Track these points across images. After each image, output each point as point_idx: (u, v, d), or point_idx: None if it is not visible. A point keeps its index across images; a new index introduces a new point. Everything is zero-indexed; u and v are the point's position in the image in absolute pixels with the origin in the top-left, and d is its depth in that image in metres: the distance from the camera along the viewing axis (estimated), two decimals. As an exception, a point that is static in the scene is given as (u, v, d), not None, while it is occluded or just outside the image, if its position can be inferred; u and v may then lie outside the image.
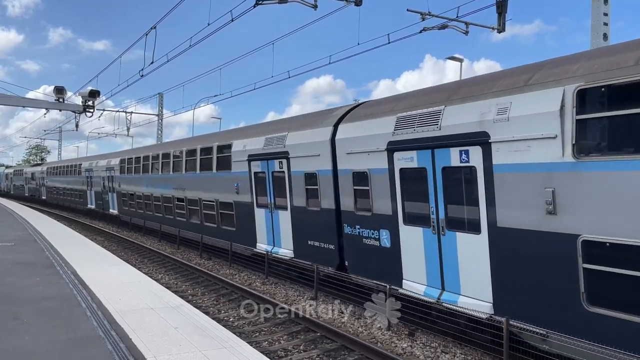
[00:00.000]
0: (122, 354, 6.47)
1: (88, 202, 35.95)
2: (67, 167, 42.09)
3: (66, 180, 42.02)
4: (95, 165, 33.95)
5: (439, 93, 9.58)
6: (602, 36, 13.16)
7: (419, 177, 9.41)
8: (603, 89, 6.67)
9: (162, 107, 42.43)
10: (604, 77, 6.59)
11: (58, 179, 45.50)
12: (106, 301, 9.25)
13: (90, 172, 34.69)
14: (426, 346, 9.20)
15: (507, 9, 14.79)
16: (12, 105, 23.53)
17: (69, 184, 41.19)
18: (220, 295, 13.24)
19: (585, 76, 6.82)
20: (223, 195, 17.30)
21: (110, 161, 31.18)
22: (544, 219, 7.16)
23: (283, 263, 14.52)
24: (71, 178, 40.31)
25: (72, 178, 39.99)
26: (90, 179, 34.75)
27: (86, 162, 36.82)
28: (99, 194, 33.29)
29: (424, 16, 14.95)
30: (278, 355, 8.75)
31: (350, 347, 8.97)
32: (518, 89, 7.72)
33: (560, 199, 6.95)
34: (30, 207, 40.63)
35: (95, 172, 33.44)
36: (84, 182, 36.17)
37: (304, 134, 13.09)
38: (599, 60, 6.88)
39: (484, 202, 8.08)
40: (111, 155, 32.89)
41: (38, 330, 7.40)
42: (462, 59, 22.88)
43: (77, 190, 38.64)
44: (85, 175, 35.77)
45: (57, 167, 47.24)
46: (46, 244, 17.05)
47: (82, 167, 36.71)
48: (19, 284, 10.47)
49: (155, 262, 18.29)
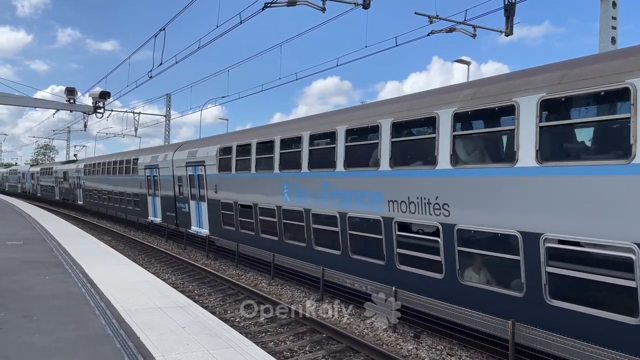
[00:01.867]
0: (131, 352, 6.54)
1: (149, 213, 26.66)
2: (115, 164, 32.22)
3: (113, 181, 32.53)
4: (163, 159, 24.32)
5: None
6: (610, 40, 13.13)
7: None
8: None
9: (169, 108, 42.69)
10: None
11: (101, 178, 35.31)
12: (114, 300, 9.35)
13: (153, 169, 25.46)
14: (432, 348, 9.22)
15: (515, 12, 14.81)
16: (24, 106, 23.77)
17: (117, 186, 31.88)
18: (227, 295, 13.32)
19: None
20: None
21: (196, 152, 20.65)
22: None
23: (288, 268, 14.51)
24: (120, 178, 31.09)
25: (121, 178, 30.85)
26: (153, 179, 25.68)
27: (145, 155, 27.49)
28: (169, 202, 23.80)
29: (431, 19, 14.97)
30: (284, 355, 8.80)
31: (355, 349, 9.01)
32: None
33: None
34: (44, 208, 40.41)
35: (164, 169, 24.06)
36: (143, 183, 27.01)
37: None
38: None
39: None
40: (193, 144, 22.30)
41: (48, 328, 7.50)
42: (470, 62, 22.85)
43: (130, 195, 29.55)
44: (144, 174, 26.67)
45: (99, 164, 35.79)
46: (55, 243, 17.20)
47: (140, 162, 27.43)
48: (28, 282, 10.59)
49: (162, 262, 18.42)
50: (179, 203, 22.97)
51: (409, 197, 9.91)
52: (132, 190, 29.19)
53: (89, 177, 38.25)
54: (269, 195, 15.04)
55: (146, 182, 26.67)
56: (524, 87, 8.03)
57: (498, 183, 8.37)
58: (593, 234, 6.95)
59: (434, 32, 15.17)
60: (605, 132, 7.52)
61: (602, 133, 7.57)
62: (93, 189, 37.54)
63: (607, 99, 7.12)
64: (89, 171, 38.20)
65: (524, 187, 7.90)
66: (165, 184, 24.32)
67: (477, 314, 8.44)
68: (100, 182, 35.64)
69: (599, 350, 6.68)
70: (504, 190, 8.25)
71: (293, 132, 14.24)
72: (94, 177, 37.13)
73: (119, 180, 31.47)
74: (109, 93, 22.18)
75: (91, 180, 37.88)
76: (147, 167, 26.40)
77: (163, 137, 43.19)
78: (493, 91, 8.70)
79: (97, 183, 36.57)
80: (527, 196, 7.84)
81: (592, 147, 7.61)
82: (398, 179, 10.28)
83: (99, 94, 21.70)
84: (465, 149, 9.17)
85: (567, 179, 7.33)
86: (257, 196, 15.83)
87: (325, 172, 12.44)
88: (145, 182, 26.84)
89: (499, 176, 8.36)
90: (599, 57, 8.21)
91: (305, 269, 13.21)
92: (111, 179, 32.91)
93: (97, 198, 36.78)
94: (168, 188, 23.87)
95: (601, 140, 7.56)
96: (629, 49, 7.56)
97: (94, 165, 36.98)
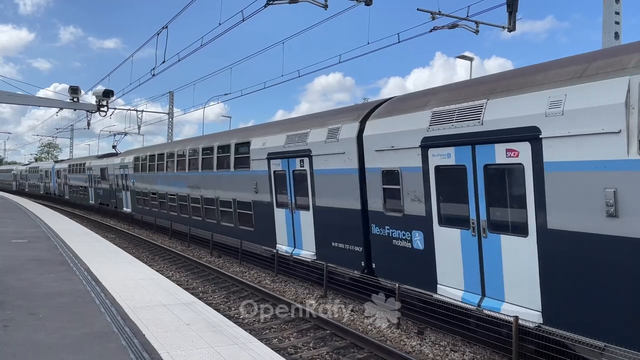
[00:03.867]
0: (136, 349, 6.59)
1: (282, 238, 14.98)
2: (195, 153, 20.80)
3: (192, 180, 21.04)
4: (329, 136, 12.54)
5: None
6: (613, 35, 13.10)
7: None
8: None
9: (172, 106, 42.77)
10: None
11: (165, 177, 24.04)
12: (119, 297, 9.40)
13: (292, 159, 14.13)
14: (435, 344, 9.25)
15: (517, 7, 14.78)
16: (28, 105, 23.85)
17: (198, 189, 20.55)
18: (231, 292, 13.38)
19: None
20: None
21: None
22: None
23: (297, 262, 14.48)
24: (208, 175, 19.58)
25: (210, 175, 19.43)
26: (292, 177, 14.25)
27: (270, 135, 15.53)
28: (343, 219, 12.29)
29: (434, 15, 14.97)
30: (288, 352, 8.84)
31: (359, 345, 9.05)
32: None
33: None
34: (48, 206, 40.45)
35: (329, 158, 12.56)
36: (263, 184, 15.67)
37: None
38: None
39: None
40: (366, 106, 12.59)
41: (54, 325, 7.55)
42: (472, 57, 22.84)
43: (227, 203, 18.35)
44: (267, 168, 15.29)
45: (161, 156, 24.58)
46: (59, 241, 17.29)
47: (258, 148, 15.80)
48: (33, 280, 10.66)
49: (166, 260, 18.49)
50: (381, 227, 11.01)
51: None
52: (231, 195, 17.76)
53: (143, 175, 27.10)
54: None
55: (271, 181, 15.14)
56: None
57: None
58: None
59: (436, 28, 15.18)
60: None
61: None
62: (150, 193, 26.55)
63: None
64: (143, 167, 27.00)
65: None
66: (333, 185, 12.49)
67: (476, 312, 8.46)
68: (165, 183, 24.25)
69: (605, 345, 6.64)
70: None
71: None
72: (151, 175, 25.93)
73: (204, 180, 19.89)
74: (112, 91, 22.28)
75: (147, 179, 26.81)
76: (276, 155, 14.72)
77: (166, 134, 43.27)
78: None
79: (157, 184, 25.36)
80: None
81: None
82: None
83: (102, 92, 21.80)
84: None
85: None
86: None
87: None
88: (267, 181, 15.30)
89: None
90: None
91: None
92: (188, 178, 21.32)
93: (156, 205, 25.86)
94: (342, 194, 12.16)
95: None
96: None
97: (153, 158, 25.64)
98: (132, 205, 30.06)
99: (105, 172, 34.80)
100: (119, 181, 32.01)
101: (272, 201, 15.24)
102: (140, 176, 27.93)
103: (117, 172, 31.95)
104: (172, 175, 23.43)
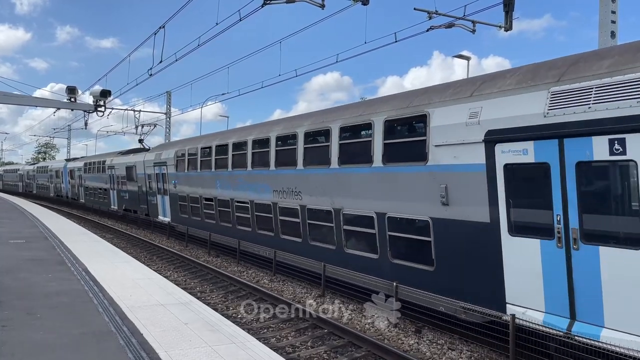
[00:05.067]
0: (134, 349, 6.60)
1: (523, 294, 7.98)
2: (275, 142, 14.88)
3: (278, 182, 14.55)
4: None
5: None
6: (609, 34, 13.15)
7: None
8: None
9: (170, 106, 42.74)
10: None
11: (227, 177, 17.71)
12: (117, 297, 9.41)
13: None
14: (433, 343, 9.29)
15: (514, 7, 14.83)
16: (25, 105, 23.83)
17: (291, 195, 13.93)
18: (229, 292, 13.39)
19: None
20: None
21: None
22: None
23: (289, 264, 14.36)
24: (300, 175, 13.57)
25: (303, 176, 13.44)
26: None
27: (452, 104, 9.14)
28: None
29: (430, 15, 15.01)
30: (286, 351, 8.86)
31: (357, 344, 9.08)
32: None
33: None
34: (42, 205, 40.26)
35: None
36: (453, 187, 8.96)
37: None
38: None
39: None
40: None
41: (52, 325, 7.56)
42: (469, 57, 22.86)
43: (350, 219, 11.82)
44: (451, 166, 8.98)
45: (217, 148, 18.58)
46: (57, 241, 17.28)
47: (438, 120, 9.28)
48: (31, 280, 10.66)
49: (164, 260, 18.49)
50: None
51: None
52: (376, 205, 10.99)
53: (192, 174, 20.70)
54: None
55: (494, 184, 8.26)
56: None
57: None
58: None
59: (433, 27, 15.22)
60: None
61: None
62: (202, 198, 19.86)
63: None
64: (192, 163, 20.72)
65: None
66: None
67: (475, 309, 8.49)
68: (229, 185, 17.50)
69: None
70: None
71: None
72: (204, 176, 19.43)
73: (309, 180, 13.19)
74: (109, 91, 22.23)
75: (197, 180, 20.21)
76: (519, 133, 7.84)
77: (164, 134, 43.19)
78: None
79: (216, 187, 18.52)
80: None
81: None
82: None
83: (99, 92, 21.76)
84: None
85: None
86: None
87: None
88: (482, 183, 8.45)
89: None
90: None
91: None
92: (277, 178, 14.58)
93: (212, 216, 19.24)
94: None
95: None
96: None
97: (208, 152, 19.15)
98: (171, 213, 23.11)
99: (132, 172, 27.99)
100: (152, 182, 25.09)
101: (496, 221, 8.20)
102: (187, 176, 21.15)
103: (150, 170, 25.08)
104: (241, 174, 16.62)
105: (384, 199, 10.69)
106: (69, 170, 45.32)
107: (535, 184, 7.70)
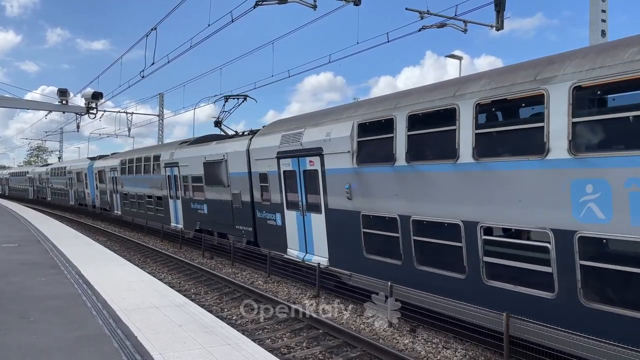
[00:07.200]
0: (129, 352, 6.59)
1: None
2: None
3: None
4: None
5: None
6: (600, 32, 13.25)
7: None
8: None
9: (162, 107, 42.59)
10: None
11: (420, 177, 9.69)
12: (111, 300, 9.38)
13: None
14: (427, 342, 9.32)
15: (505, 6, 14.91)
16: (16, 108, 23.68)
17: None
18: (223, 294, 13.37)
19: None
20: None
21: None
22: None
23: (286, 262, 14.56)
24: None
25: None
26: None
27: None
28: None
29: (422, 15, 15.07)
30: (281, 352, 8.86)
31: (352, 344, 9.09)
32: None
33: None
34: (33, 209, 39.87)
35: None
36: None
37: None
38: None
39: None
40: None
41: (46, 328, 7.53)
42: (461, 57, 22.98)
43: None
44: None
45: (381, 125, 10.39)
46: (50, 244, 17.19)
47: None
48: (25, 284, 10.61)
49: (158, 262, 18.42)
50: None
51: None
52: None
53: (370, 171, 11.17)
54: None
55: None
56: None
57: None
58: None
59: (425, 27, 15.28)
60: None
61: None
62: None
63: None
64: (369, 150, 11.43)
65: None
66: None
67: (473, 308, 8.53)
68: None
69: (592, 341, 6.77)
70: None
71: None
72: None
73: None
74: (101, 94, 22.15)
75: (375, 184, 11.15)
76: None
77: (157, 136, 42.96)
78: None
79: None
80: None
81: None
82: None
83: (91, 94, 21.68)
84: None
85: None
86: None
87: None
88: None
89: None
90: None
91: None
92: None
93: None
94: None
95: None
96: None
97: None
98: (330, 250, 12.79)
99: (219, 170, 17.73)
100: (273, 183, 14.55)
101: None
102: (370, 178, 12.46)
103: (264, 167, 14.86)
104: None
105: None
106: (96, 171, 34.00)
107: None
